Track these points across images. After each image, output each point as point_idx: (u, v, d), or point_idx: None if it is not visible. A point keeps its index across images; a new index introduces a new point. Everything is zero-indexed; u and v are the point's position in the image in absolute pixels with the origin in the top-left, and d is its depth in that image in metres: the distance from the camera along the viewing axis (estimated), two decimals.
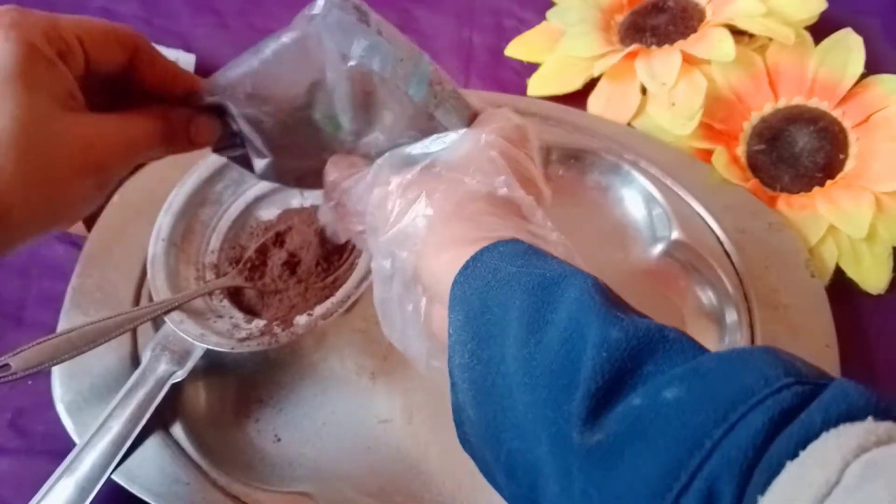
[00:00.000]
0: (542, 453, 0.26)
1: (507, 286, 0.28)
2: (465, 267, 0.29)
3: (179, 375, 0.41)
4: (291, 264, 0.45)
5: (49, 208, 0.30)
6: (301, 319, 0.42)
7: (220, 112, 0.36)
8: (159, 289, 0.44)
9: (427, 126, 0.35)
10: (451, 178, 0.32)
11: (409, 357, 0.34)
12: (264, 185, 0.49)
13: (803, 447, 0.20)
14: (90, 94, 0.32)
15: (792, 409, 0.21)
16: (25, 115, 0.29)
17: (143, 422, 0.40)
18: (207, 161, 0.48)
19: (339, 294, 0.43)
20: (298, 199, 0.49)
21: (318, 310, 0.42)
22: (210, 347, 0.41)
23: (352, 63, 0.32)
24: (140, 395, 0.40)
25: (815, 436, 0.20)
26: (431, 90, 0.34)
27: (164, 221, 0.46)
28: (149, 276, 0.44)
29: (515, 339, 0.27)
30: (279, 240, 0.46)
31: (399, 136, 0.35)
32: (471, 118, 0.35)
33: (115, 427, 0.39)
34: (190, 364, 0.42)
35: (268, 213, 0.49)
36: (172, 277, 0.45)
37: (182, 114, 0.35)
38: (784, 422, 0.21)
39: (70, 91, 0.31)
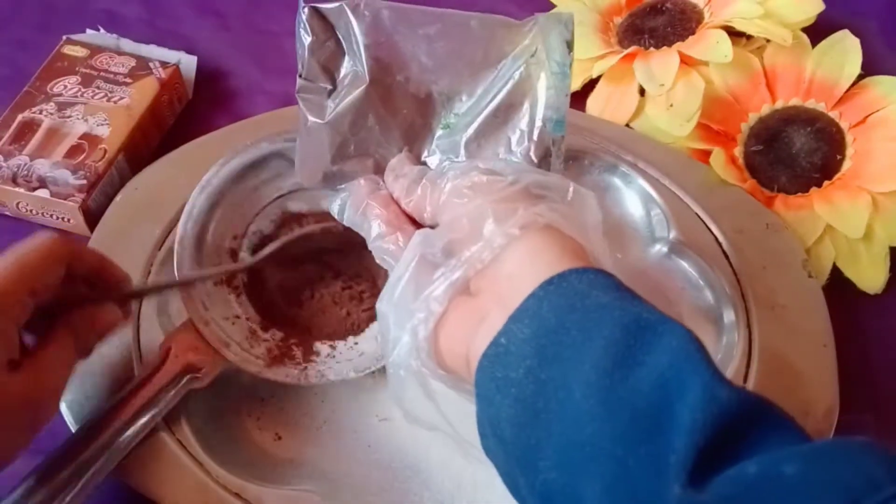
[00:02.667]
0: (592, 491, 0.25)
1: (595, 314, 0.28)
2: (549, 282, 0.29)
3: (200, 383, 0.41)
4: (322, 271, 0.45)
5: None
6: (323, 349, 0.43)
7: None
8: (186, 268, 0.43)
9: (528, 160, 0.38)
10: (565, 212, 0.32)
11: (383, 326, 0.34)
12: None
13: None
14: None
15: None
16: None
17: (146, 419, 0.39)
18: (248, 152, 0.47)
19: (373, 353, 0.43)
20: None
21: (349, 356, 0.43)
22: (236, 363, 0.41)
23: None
24: (144, 393, 0.40)
25: None
26: (563, 128, 0.38)
27: (198, 200, 0.44)
28: (176, 255, 0.43)
29: (595, 367, 0.26)
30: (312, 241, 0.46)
31: (487, 150, 0.38)
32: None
33: (117, 425, 0.39)
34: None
35: (296, 205, 0.47)
36: (198, 257, 0.44)
37: (84, 316, 0.36)
38: None
39: (10, 352, 0.33)
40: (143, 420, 0.39)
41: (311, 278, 0.46)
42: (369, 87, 0.38)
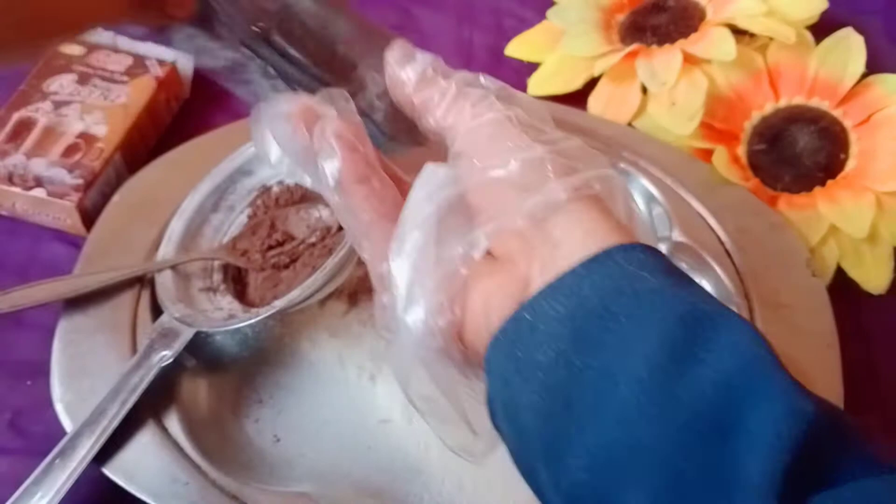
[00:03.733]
0: (635, 500, 0.23)
1: (648, 300, 0.24)
2: (594, 260, 0.25)
3: (168, 357, 0.41)
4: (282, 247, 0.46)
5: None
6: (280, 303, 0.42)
7: None
8: (167, 286, 0.44)
9: None
10: (618, 185, 0.29)
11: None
12: None
13: None
14: None
15: None
16: None
17: (131, 404, 0.39)
18: (219, 168, 0.49)
19: (319, 276, 0.42)
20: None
21: (298, 291, 0.42)
22: (198, 329, 0.42)
23: None
24: (131, 381, 0.40)
25: None
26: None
27: (175, 226, 0.46)
28: (157, 276, 0.45)
29: (647, 359, 0.23)
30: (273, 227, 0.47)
31: None
32: None
33: (109, 413, 0.39)
34: (178, 346, 0.41)
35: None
36: (181, 277, 0.45)
37: None
38: None
39: None
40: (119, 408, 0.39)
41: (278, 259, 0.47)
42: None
